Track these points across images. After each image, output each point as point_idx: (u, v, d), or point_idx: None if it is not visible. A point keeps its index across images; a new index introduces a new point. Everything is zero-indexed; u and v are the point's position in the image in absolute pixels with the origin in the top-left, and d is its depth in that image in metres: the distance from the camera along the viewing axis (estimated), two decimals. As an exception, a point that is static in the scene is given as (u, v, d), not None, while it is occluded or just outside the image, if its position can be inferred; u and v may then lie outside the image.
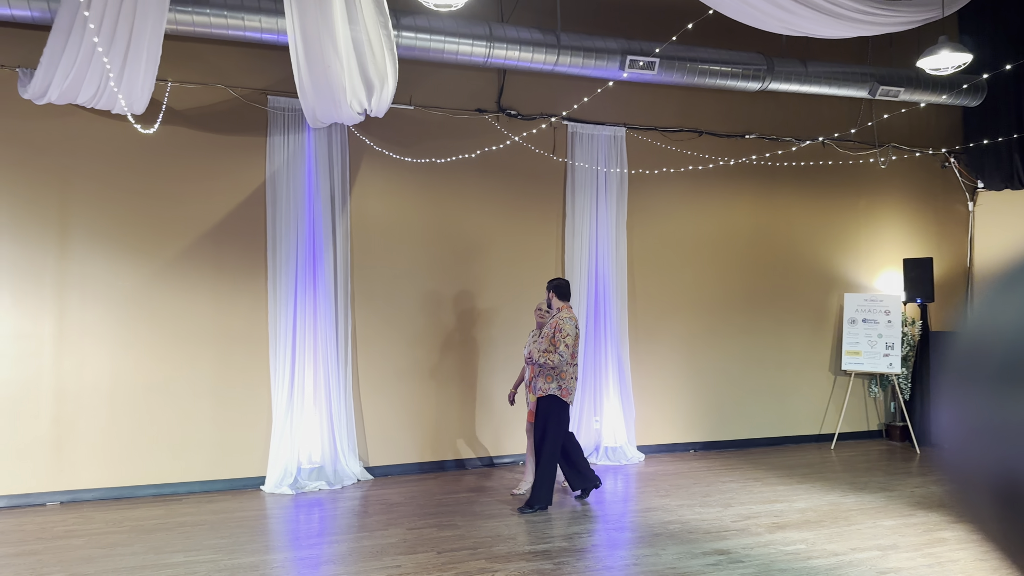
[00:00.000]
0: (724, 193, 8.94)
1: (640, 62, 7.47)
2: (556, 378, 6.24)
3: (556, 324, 6.26)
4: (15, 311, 6.49)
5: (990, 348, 0.46)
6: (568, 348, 6.19)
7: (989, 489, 0.45)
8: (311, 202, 7.26)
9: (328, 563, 5.02)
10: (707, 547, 5.35)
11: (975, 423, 0.46)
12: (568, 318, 6.29)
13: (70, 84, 5.72)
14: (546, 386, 6.25)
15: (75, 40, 5.22)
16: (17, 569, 4.90)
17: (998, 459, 0.44)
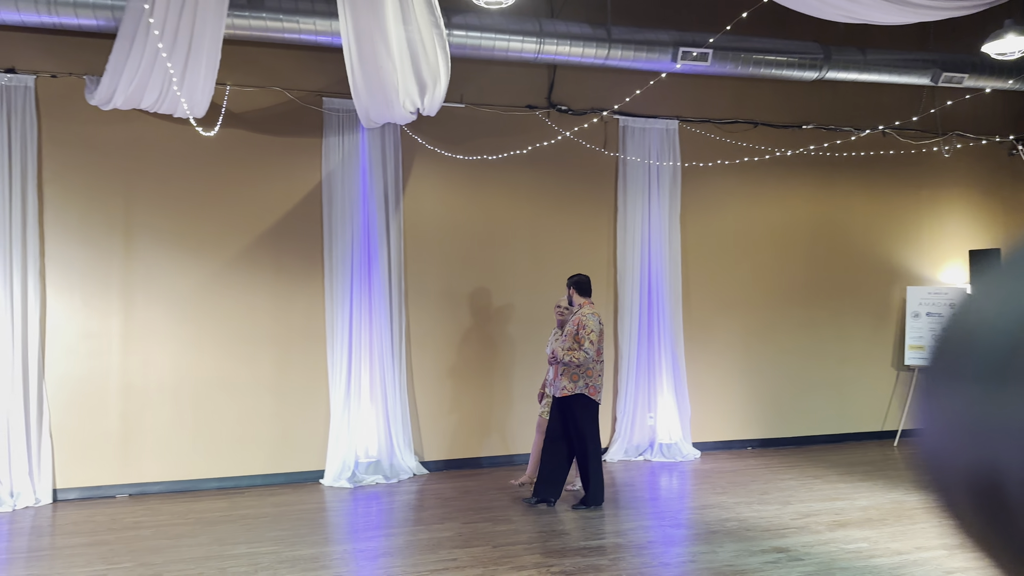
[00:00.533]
0: (781, 185, 8.79)
1: (693, 53, 7.39)
2: (582, 376, 6.08)
3: (579, 321, 6.13)
4: (84, 310, 6.73)
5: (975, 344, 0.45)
6: (593, 345, 6.04)
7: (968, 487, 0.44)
8: (365, 202, 7.36)
9: (385, 555, 5.10)
10: (765, 545, 5.28)
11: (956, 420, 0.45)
12: (591, 314, 6.16)
13: (134, 89, 5.91)
14: (571, 385, 6.08)
15: (139, 47, 5.39)
16: (90, 558, 5.09)
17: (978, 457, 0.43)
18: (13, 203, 6.48)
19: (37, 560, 5.13)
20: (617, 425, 8.09)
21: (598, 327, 6.12)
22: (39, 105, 6.64)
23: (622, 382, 8.07)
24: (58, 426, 6.64)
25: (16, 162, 6.52)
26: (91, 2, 6.10)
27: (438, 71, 5.59)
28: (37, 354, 6.54)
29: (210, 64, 5.57)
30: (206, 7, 4.92)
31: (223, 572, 4.76)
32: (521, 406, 7.87)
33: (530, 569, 4.77)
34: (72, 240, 6.72)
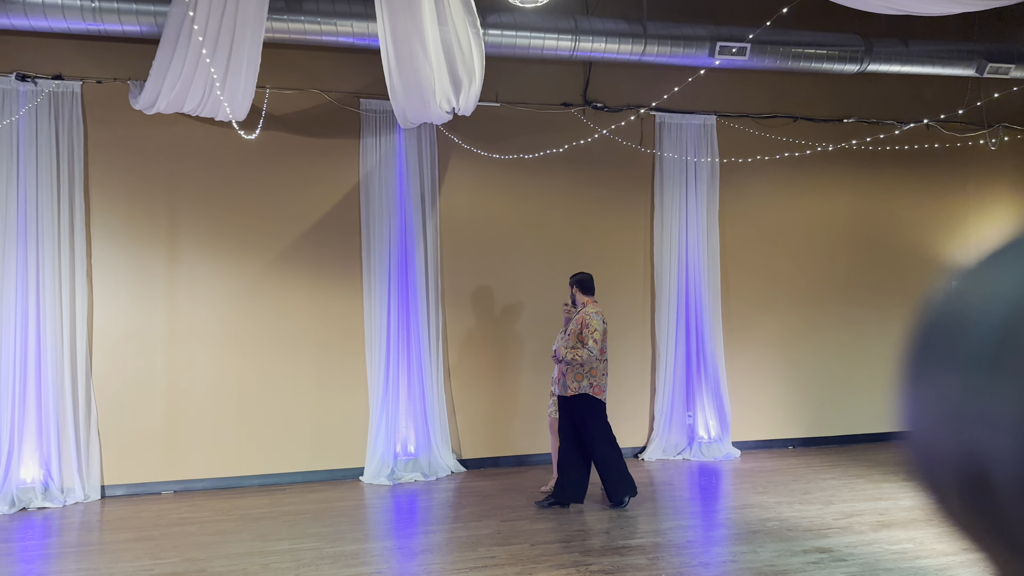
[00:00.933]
0: (822, 180, 8.65)
1: (731, 48, 7.31)
2: (586, 376, 6.03)
3: (582, 319, 6.07)
4: (130, 310, 6.88)
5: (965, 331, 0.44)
6: (597, 343, 5.97)
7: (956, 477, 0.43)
8: (402, 201, 7.42)
9: (425, 552, 5.13)
10: (807, 545, 5.21)
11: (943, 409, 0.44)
12: (595, 313, 6.10)
13: (177, 94, 6.02)
14: (576, 384, 6.03)
15: (181, 52, 5.50)
16: (137, 553, 5.20)
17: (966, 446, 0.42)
18: (61, 206, 6.65)
19: (86, 555, 5.27)
20: (655, 424, 8.04)
21: (602, 326, 6.07)
22: (85, 110, 6.80)
23: (660, 381, 8.02)
24: (105, 424, 6.80)
25: (64, 166, 6.68)
26: (134, 8, 6.23)
27: (473, 70, 5.61)
28: (85, 354, 6.71)
29: (251, 68, 5.65)
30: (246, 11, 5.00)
31: (266, 568, 4.84)
32: (558, 404, 7.86)
33: (568, 568, 4.77)
34: (118, 242, 6.87)
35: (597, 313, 6.12)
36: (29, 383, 6.56)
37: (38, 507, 6.44)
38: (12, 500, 6.40)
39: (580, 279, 6.32)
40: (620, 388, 8.05)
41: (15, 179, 6.55)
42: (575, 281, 6.33)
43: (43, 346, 6.57)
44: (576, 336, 6.08)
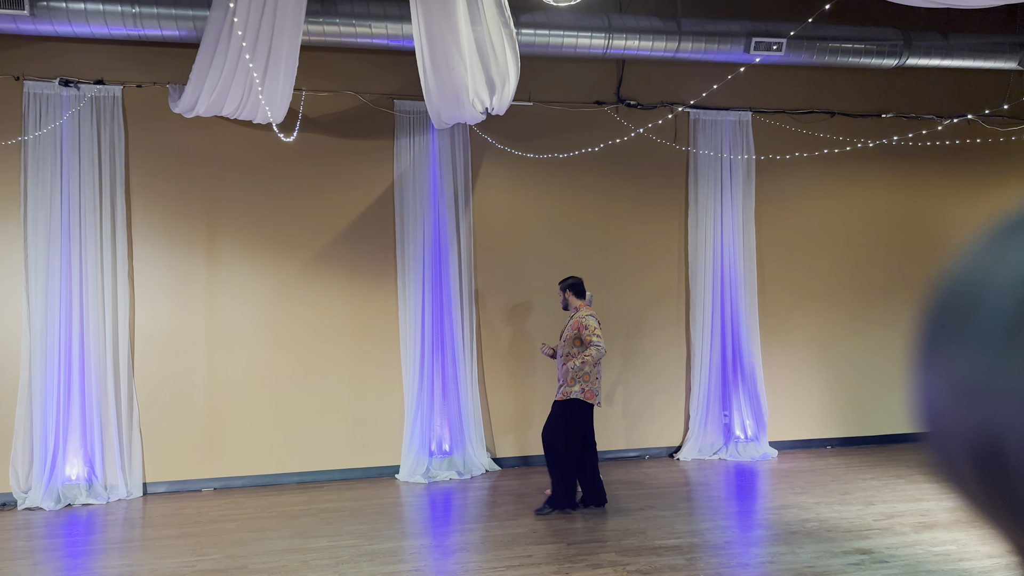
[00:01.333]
0: (860, 176, 8.53)
1: (767, 44, 7.24)
2: (579, 380, 5.93)
3: (578, 323, 5.98)
4: (171, 310, 7.00)
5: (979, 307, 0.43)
6: (600, 338, 5.90)
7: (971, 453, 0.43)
8: (436, 201, 7.46)
9: (462, 550, 5.16)
10: (848, 546, 5.15)
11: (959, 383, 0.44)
12: (589, 315, 6.02)
13: (216, 97, 6.11)
14: (568, 389, 5.95)
15: (220, 55, 5.58)
16: (179, 550, 5.29)
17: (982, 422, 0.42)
18: (103, 208, 6.78)
19: (130, 551, 5.37)
20: (690, 423, 7.99)
21: (597, 324, 6.01)
22: (126, 114, 6.93)
23: (695, 380, 7.97)
24: (147, 422, 6.92)
25: (106, 169, 6.82)
26: (174, 14, 6.34)
27: (507, 71, 5.62)
28: (127, 353, 6.84)
29: (288, 70, 5.72)
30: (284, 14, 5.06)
31: (306, 565, 4.90)
32: (593, 403, 7.84)
33: (605, 567, 4.76)
34: (158, 243, 7.00)
35: (591, 315, 6.04)
36: (73, 383, 6.70)
37: (82, 504, 6.58)
38: (58, 497, 6.55)
39: (573, 283, 6.21)
40: (654, 387, 8.02)
41: (59, 183, 6.69)
42: (567, 285, 6.21)
43: (86, 346, 6.72)
44: (572, 341, 5.98)
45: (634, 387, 7.96)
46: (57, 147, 6.71)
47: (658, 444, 8.06)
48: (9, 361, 6.66)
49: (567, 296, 6.21)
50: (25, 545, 5.60)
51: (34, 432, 6.57)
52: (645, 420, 7.96)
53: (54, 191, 6.68)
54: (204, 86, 5.93)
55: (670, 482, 7.00)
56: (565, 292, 6.22)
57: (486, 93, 5.87)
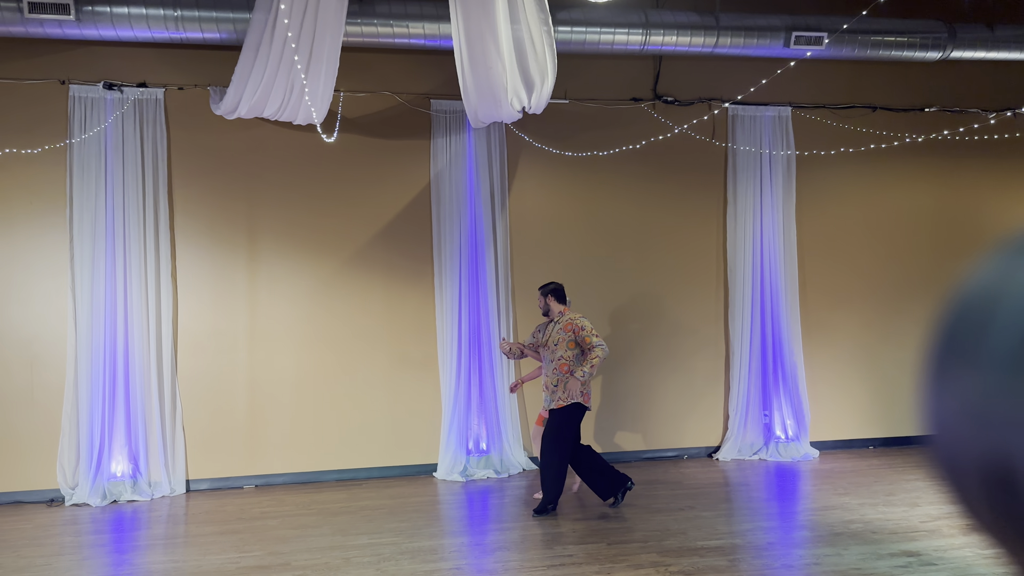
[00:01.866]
0: (903, 172, 8.37)
1: (807, 38, 7.13)
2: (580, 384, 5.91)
3: (571, 326, 5.94)
4: (213, 309, 7.10)
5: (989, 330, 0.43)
6: (598, 337, 5.90)
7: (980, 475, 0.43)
8: (472, 201, 7.47)
9: (502, 549, 5.15)
10: (894, 548, 5.05)
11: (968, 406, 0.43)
12: (581, 316, 6.04)
13: (258, 99, 6.17)
14: (564, 395, 5.88)
15: (263, 57, 5.63)
16: (223, 546, 5.36)
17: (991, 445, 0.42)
18: (146, 209, 6.89)
19: (174, 547, 5.45)
20: (729, 423, 7.91)
21: (590, 323, 6.02)
22: (168, 116, 7.03)
23: (734, 379, 7.88)
24: (190, 420, 7.02)
25: (149, 171, 6.92)
26: (214, 16, 6.42)
27: (546, 68, 5.60)
28: (170, 352, 6.94)
29: (329, 71, 5.76)
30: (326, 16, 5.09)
31: (348, 562, 4.93)
32: (629, 403, 7.81)
33: (647, 568, 4.73)
34: (200, 243, 7.09)
35: (583, 316, 6.08)
36: (118, 381, 6.82)
37: (127, 500, 6.69)
38: (104, 493, 6.67)
39: (555, 288, 6.17)
40: (691, 387, 7.95)
41: (103, 185, 6.81)
42: (550, 290, 6.15)
43: (131, 345, 6.83)
44: (566, 345, 5.95)
45: (671, 387, 7.89)
46: (101, 149, 6.83)
47: (696, 444, 7.98)
48: (56, 360, 6.79)
49: (548, 301, 6.15)
50: (73, 540, 5.71)
51: (80, 430, 6.70)
52: (683, 420, 7.89)
53: (99, 193, 6.80)
54: (247, 87, 6.00)
55: (710, 482, 6.93)
56: (547, 297, 6.15)
57: (524, 91, 5.85)
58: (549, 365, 6.04)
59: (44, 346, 6.80)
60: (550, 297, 6.15)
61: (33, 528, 5.96)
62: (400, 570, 4.76)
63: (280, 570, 4.81)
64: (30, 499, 6.74)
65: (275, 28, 5.30)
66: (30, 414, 6.76)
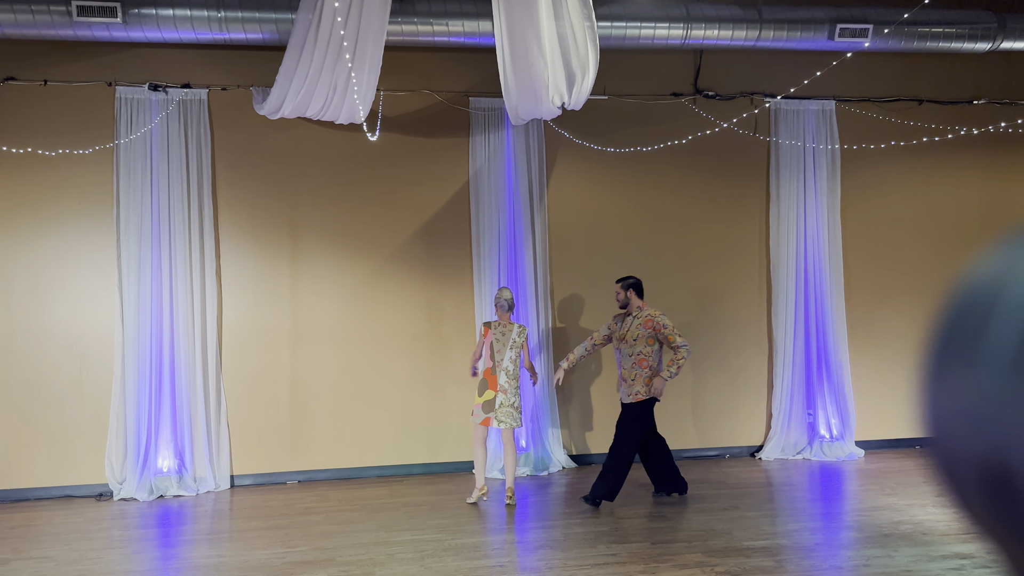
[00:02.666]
0: (950, 166, 8.18)
1: (852, 30, 7.00)
2: (654, 379, 6.03)
3: (651, 322, 6.03)
4: (256, 307, 7.18)
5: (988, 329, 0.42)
6: (682, 336, 6.03)
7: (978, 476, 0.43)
8: (511, 198, 7.45)
9: (545, 547, 5.14)
10: (946, 550, 4.94)
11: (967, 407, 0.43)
12: (661, 313, 6.14)
13: (301, 98, 6.22)
14: (644, 389, 6.02)
15: (307, 57, 5.67)
16: (268, 541, 5.41)
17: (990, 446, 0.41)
18: (191, 209, 6.99)
19: (220, 542, 5.52)
20: (773, 422, 7.80)
21: (671, 321, 6.14)
22: (212, 116, 7.12)
23: (777, 377, 7.77)
24: (234, 416, 7.11)
25: (193, 171, 7.02)
26: (257, 17, 6.48)
27: (587, 64, 5.56)
28: (215, 349, 7.03)
29: (372, 71, 5.79)
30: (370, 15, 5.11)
31: (392, 558, 4.95)
32: (670, 401, 7.73)
33: (692, 568, 4.68)
34: (244, 242, 7.18)
35: (663, 313, 6.20)
36: (164, 378, 6.92)
37: (173, 495, 6.79)
38: (150, 488, 6.78)
39: (635, 282, 6.26)
40: (734, 385, 7.85)
41: (149, 185, 6.92)
42: (630, 284, 6.22)
43: (176, 342, 6.93)
44: (645, 340, 6.06)
45: (713, 385, 7.81)
46: (147, 150, 6.94)
47: (739, 443, 7.89)
48: (104, 357, 6.92)
49: (629, 295, 6.22)
50: (122, 535, 5.82)
51: (128, 426, 6.82)
52: (725, 418, 7.81)
53: (145, 193, 6.91)
54: (291, 87, 6.05)
55: (753, 482, 6.85)
56: (628, 291, 6.22)
57: (565, 88, 5.82)
58: (627, 359, 6.14)
59: (92, 343, 6.93)
60: (631, 291, 6.23)
61: (83, 522, 6.08)
62: (444, 567, 4.76)
63: (325, 566, 4.84)
64: (80, 493, 6.87)
65: (319, 28, 5.33)
66: (79, 410, 6.90)
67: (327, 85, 5.95)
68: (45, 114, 6.90)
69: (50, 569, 4.94)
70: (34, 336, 6.86)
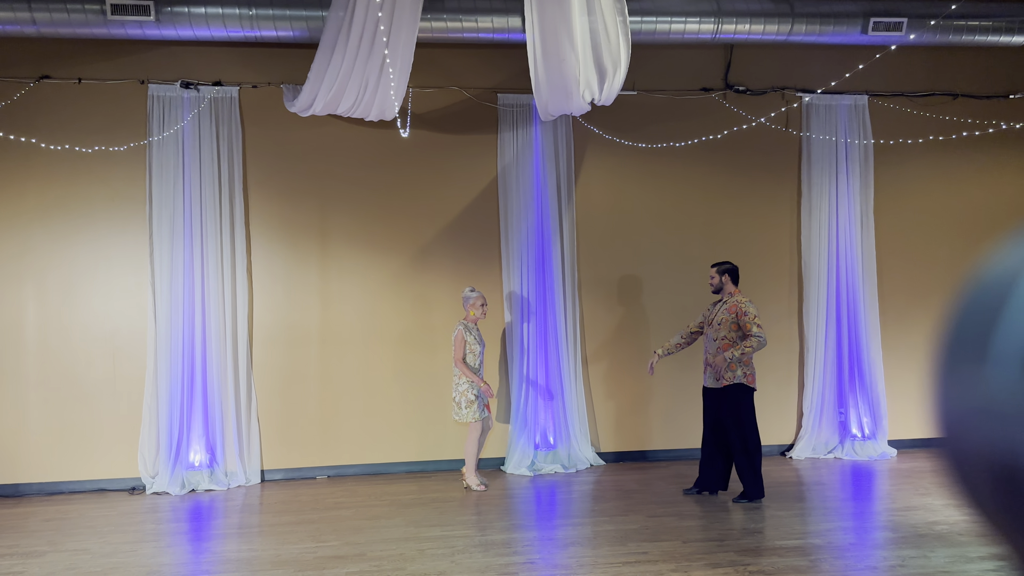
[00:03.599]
0: (986, 161, 8.04)
1: (886, 24, 6.90)
2: (740, 364, 5.95)
3: (736, 308, 5.98)
4: (287, 304, 7.22)
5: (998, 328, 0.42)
6: (761, 328, 5.93)
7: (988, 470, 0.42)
8: (539, 194, 7.44)
9: (575, 544, 5.12)
10: (983, 551, 4.86)
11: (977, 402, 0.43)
12: (748, 301, 6.05)
13: (332, 96, 6.25)
14: (731, 374, 5.96)
15: (338, 55, 5.70)
16: (299, 536, 5.45)
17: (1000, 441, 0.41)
18: (223, 207, 7.04)
19: (251, 536, 5.55)
20: (804, 421, 7.72)
21: (757, 313, 6.01)
22: (243, 114, 7.17)
23: (808, 376, 7.69)
24: (264, 411, 7.16)
25: (224, 168, 7.07)
26: (287, 15, 6.52)
27: (619, 59, 5.53)
28: (246, 345, 7.09)
29: (403, 68, 5.80)
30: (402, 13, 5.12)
31: (422, 553, 4.96)
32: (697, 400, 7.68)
33: (725, 567, 4.64)
34: (274, 240, 7.23)
35: (750, 301, 6.08)
36: (196, 373, 6.99)
37: (205, 489, 6.86)
38: (182, 482, 6.85)
39: (731, 268, 6.20)
40: (764, 383, 7.77)
41: (181, 182, 6.99)
42: (726, 270, 6.19)
43: (208, 338, 6.99)
44: (729, 326, 6.01)
45: (743, 382, 7.73)
46: (179, 147, 7.00)
47: (769, 442, 7.81)
48: (137, 352, 7.00)
49: (724, 280, 6.17)
50: (154, 528, 5.88)
51: (160, 420, 6.89)
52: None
53: (177, 190, 6.97)
54: (322, 85, 6.07)
55: (784, 481, 6.78)
56: (723, 276, 6.18)
57: (596, 84, 5.80)
58: (712, 344, 6.12)
59: (125, 339, 7.01)
60: (726, 276, 6.18)
61: (117, 515, 6.16)
62: (474, 563, 4.76)
63: (357, 560, 4.86)
64: (113, 487, 6.96)
65: (351, 25, 5.35)
66: (113, 405, 6.99)
67: (358, 82, 5.97)
68: (79, 112, 6.99)
69: (85, 562, 5.00)
70: (68, 332, 6.95)
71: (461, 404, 6.49)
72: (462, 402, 6.48)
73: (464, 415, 6.49)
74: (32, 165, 6.93)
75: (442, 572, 4.60)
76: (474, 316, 6.61)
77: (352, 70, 5.78)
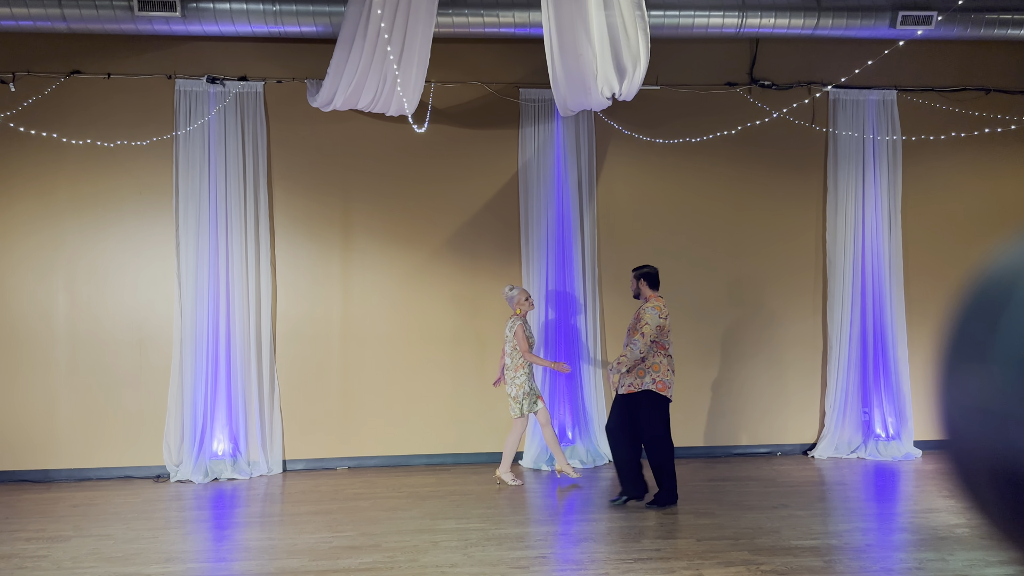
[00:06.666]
0: (1017, 158, 7.86)
1: (915, 17, 6.77)
2: (648, 371, 5.78)
3: (639, 314, 5.87)
4: (309, 297, 7.31)
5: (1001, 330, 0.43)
6: (644, 337, 5.71)
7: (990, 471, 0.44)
8: (560, 189, 7.43)
9: (589, 540, 5.13)
10: (1003, 556, 4.77)
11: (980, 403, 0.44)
12: (652, 307, 5.83)
13: (352, 91, 6.30)
14: (637, 381, 5.80)
15: (357, 50, 5.74)
16: (317, 525, 5.52)
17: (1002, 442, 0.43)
18: (247, 201, 7.14)
19: (271, 525, 5.64)
20: (826, 420, 7.63)
21: (656, 320, 5.79)
22: (267, 109, 7.25)
23: (832, 374, 7.59)
24: (287, 403, 7.26)
25: (249, 163, 7.17)
26: (311, 10, 6.58)
27: (638, 54, 5.49)
28: (269, 337, 7.19)
29: (421, 63, 5.82)
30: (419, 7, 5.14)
31: (436, 545, 5.00)
32: (719, 396, 7.64)
33: (738, 566, 4.62)
34: (298, 232, 7.31)
35: (654, 308, 5.86)
36: (220, 364, 7.10)
37: (228, 478, 6.98)
38: (205, 471, 6.97)
39: (648, 272, 6.04)
40: (785, 382, 7.71)
41: (207, 176, 7.09)
42: (642, 274, 6.03)
43: (232, 330, 7.10)
44: (633, 331, 5.89)
45: (765, 381, 7.68)
46: (205, 141, 7.10)
47: (790, 441, 7.75)
48: (163, 343, 7.13)
49: (640, 285, 6.03)
50: (178, 515, 6.00)
51: (184, 410, 7.02)
52: (777, 415, 7.67)
53: (203, 183, 7.08)
54: (342, 80, 6.12)
55: (805, 480, 6.72)
56: (639, 281, 6.04)
57: (615, 79, 5.76)
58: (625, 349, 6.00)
59: (151, 329, 7.15)
60: (642, 281, 6.05)
61: (142, 502, 6.29)
62: (487, 556, 4.79)
63: (371, 551, 4.91)
64: (138, 474, 7.10)
65: (369, 20, 5.39)
66: (138, 394, 7.13)
67: (377, 77, 6.01)
68: (108, 107, 7.12)
69: (109, 547, 5.12)
70: (97, 322, 7.10)
71: (519, 398, 6.45)
72: (519, 395, 6.44)
73: (524, 406, 6.44)
74: (64, 159, 7.07)
75: (454, 565, 4.63)
76: (522, 311, 6.58)
77: (371, 65, 5.82)
